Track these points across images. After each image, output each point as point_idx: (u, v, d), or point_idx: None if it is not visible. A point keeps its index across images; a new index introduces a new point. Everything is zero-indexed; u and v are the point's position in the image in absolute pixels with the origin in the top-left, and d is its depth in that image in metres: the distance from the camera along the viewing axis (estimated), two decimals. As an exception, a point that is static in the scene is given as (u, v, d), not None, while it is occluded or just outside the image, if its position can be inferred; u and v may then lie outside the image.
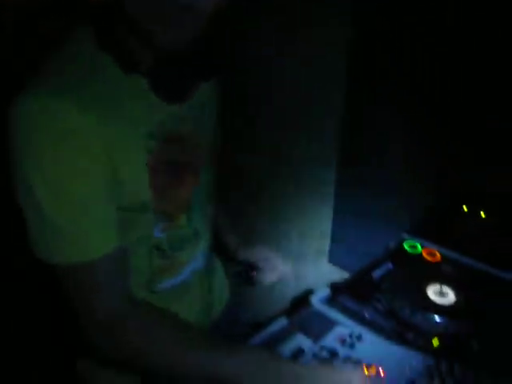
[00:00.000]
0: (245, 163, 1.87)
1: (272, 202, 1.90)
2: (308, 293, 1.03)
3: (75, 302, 0.78)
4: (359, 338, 0.90)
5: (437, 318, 0.94)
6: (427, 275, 1.06)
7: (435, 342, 0.90)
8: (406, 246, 1.17)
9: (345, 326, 0.93)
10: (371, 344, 0.88)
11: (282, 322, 0.96)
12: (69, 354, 1.05)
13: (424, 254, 1.14)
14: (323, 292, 1.02)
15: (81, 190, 0.73)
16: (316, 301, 1.00)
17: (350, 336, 0.90)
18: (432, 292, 1.01)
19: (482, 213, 1.28)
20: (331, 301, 1.00)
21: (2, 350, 1.71)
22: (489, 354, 0.86)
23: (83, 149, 0.72)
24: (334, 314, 0.96)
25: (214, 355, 0.76)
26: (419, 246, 1.17)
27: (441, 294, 1.00)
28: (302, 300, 1.02)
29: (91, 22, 0.77)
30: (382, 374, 0.80)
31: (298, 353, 0.87)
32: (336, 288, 1.02)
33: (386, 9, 1.34)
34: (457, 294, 1.00)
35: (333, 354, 0.86)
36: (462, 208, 1.30)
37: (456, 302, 0.98)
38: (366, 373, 0.81)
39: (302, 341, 0.91)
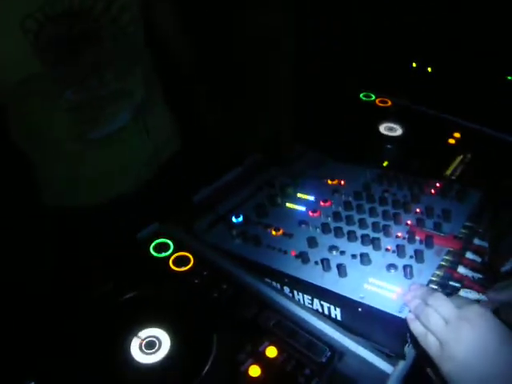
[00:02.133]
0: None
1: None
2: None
3: None
4: (323, 162, 1.09)
5: (388, 146, 1.15)
6: (379, 117, 1.24)
7: (385, 163, 1.11)
8: (361, 96, 1.34)
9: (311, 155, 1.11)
10: (331, 166, 1.08)
11: (257, 156, 1.14)
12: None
13: (377, 102, 1.32)
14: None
15: None
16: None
17: (316, 161, 1.09)
18: (383, 128, 1.20)
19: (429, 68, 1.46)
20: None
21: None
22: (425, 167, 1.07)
23: None
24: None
25: None
26: (373, 96, 1.34)
27: (390, 130, 1.20)
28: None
29: None
30: (343, 182, 1.00)
31: (276, 177, 1.06)
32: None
33: None
34: (403, 130, 1.19)
35: (303, 173, 1.05)
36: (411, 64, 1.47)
37: (402, 135, 1.18)
38: (330, 183, 1.01)
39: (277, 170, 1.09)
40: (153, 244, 0.89)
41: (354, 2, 1.75)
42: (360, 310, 0.70)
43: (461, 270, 0.75)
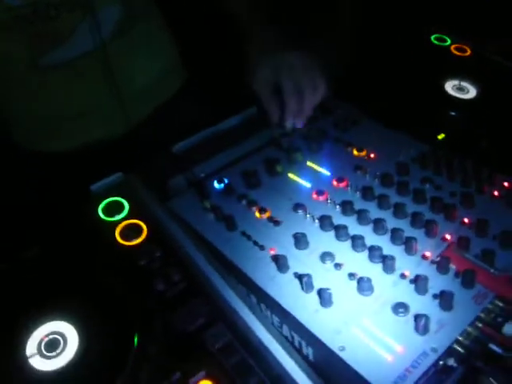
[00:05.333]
0: None
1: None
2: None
3: None
4: (356, 122, 0.81)
5: (451, 112, 0.84)
6: (450, 70, 0.92)
7: (440, 136, 0.81)
8: (432, 39, 1.01)
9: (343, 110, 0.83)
10: (366, 129, 0.80)
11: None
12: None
13: (452, 48, 0.98)
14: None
15: None
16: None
17: (345, 120, 0.81)
18: (451, 87, 0.88)
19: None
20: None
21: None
22: (494, 154, 0.77)
23: None
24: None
25: None
26: (449, 40, 1.00)
27: (460, 90, 0.88)
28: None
29: None
30: (373, 156, 0.73)
31: (288, 133, 0.80)
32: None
33: None
34: (477, 92, 0.87)
35: (323, 133, 0.78)
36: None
37: (474, 99, 0.86)
38: (356, 154, 0.74)
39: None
40: (103, 202, 0.69)
41: None
42: (336, 363, 0.48)
43: (508, 329, 0.49)
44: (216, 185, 0.71)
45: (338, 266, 0.56)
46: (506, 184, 0.65)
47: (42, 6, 0.77)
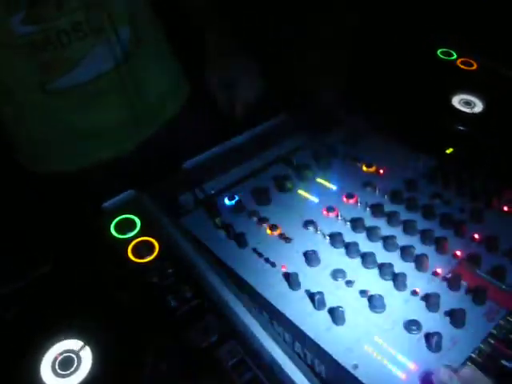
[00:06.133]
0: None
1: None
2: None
3: None
4: (365, 137, 0.82)
5: (459, 127, 0.84)
6: (457, 84, 0.93)
7: (449, 150, 0.82)
8: (438, 53, 1.02)
9: (351, 125, 0.84)
10: (374, 144, 0.80)
11: (282, 117, 0.88)
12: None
13: (458, 63, 0.99)
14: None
15: None
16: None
17: (354, 135, 0.82)
18: (457, 101, 0.89)
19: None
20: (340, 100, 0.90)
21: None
22: (503, 168, 0.77)
23: None
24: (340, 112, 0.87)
25: None
26: (455, 54, 1.01)
27: (467, 104, 0.88)
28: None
29: None
30: (382, 171, 0.74)
31: (297, 150, 0.81)
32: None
33: None
34: (484, 106, 0.88)
35: (332, 149, 0.79)
36: None
37: (482, 113, 0.87)
38: (365, 169, 0.75)
39: (302, 138, 0.84)
40: (115, 220, 0.70)
41: None
42: (349, 381, 0.48)
43: (521, 346, 0.49)
44: (227, 202, 0.71)
45: (349, 283, 0.56)
46: (515, 199, 0.65)
47: (54, 33, 0.78)
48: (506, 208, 0.64)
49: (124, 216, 0.71)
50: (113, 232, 0.69)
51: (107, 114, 0.90)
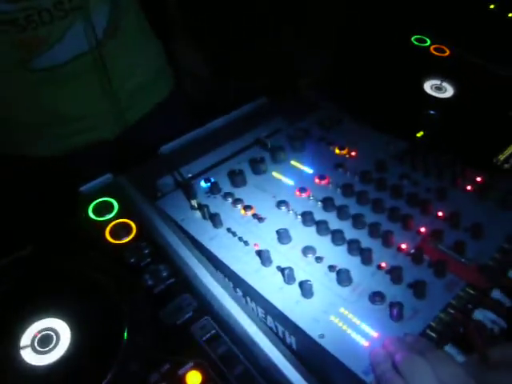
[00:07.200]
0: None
1: None
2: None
3: None
4: (339, 121, 0.84)
5: (429, 111, 0.87)
6: (429, 70, 0.95)
7: (419, 134, 0.84)
8: (413, 40, 1.04)
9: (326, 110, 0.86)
10: (348, 128, 0.82)
11: (263, 100, 0.90)
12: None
13: (431, 49, 1.02)
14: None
15: None
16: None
17: (329, 119, 0.84)
18: (429, 86, 0.92)
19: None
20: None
21: None
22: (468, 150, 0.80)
23: None
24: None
25: None
26: (428, 41, 1.03)
27: (438, 89, 0.91)
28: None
29: None
30: (354, 154, 0.76)
31: (275, 133, 0.83)
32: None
33: None
34: (454, 91, 0.91)
35: (306, 133, 0.81)
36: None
37: (451, 98, 0.90)
38: (337, 152, 0.77)
39: (278, 122, 0.86)
40: (93, 203, 0.71)
41: None
42: (316, 350, 0.50)
43: (478, 314, 0.52)
44: (203, 184, 0.73)
45: (318, 259, 0.59)
46: (478, 179, 0.68)
47: (35, 12, 0.78)
48: (469, 187, 0.67)
49: (101, 199, 0.72)
50: (91, 214, 0.70)
51: (87, 98, 0.90)
